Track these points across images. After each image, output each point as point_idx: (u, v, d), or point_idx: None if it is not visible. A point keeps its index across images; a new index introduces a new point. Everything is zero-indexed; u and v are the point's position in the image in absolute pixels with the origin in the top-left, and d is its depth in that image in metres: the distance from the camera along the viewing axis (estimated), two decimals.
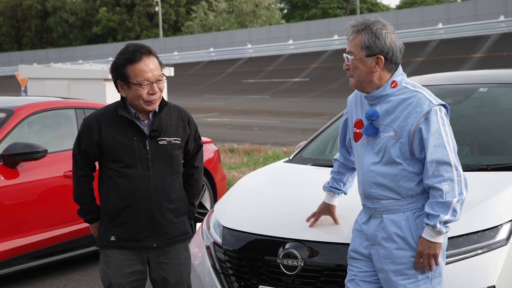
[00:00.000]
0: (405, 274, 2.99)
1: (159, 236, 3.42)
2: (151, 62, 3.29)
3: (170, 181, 3.43)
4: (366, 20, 3.03)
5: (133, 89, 3.28)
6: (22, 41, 72.14)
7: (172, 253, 3.48)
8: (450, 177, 2.91)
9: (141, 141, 3.36)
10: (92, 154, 3.39)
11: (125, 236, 3.39)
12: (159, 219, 3.39)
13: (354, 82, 3.07)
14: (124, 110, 3.36)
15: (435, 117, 2.96)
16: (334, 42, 40.52)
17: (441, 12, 39.36)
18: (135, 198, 3.35)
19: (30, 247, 5.57)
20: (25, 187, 5.58)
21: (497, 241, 3.29)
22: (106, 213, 3.41)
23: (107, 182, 3.40)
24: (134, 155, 3.35)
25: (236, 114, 24.29)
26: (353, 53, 3.02)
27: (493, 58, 31.15)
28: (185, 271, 3.55)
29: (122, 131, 3.36)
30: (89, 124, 3.40)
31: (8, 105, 6.00)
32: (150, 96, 3.29)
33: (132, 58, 3.26)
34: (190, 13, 61.80)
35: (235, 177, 10.07)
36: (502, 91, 4.75)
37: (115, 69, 3.30)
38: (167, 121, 3.43)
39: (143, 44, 3.36)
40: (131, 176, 3.35)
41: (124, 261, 3.41)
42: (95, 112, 3.46)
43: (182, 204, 3.51)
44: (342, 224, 3.50)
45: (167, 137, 3.41)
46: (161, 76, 3.31)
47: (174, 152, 3.44)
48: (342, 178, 3.51)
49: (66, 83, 14.57)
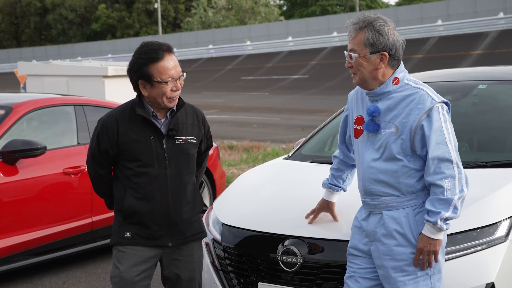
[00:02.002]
0: (404, 270, 2.99)
1: (175, 235, 3.41)
2: (173, 59, 3.29)
3: (186, 180, 3.43)
4: (368, 17, 3.03)
5: (158, 88, 3.26)
6: (21, 38, 72.05)
7: (185, 251, 3.47)
8: (452, 174, 2.91)
9: (158, 140, 3.35)
10: (112, 154, 3.37)
11: (141, 234, 3.37)
12: (175, 218, 3.38)
13: (358, 80, 3.06)
14: (142, 109, 3.34)
15: (437, 114, 2.96)
16: (333, 39, 40.48)
17: (440, 9, 39.32)
18: (152, 197, 3.34)
19: (29, 244, 5.57)
20: (24, 184, 5.58)
21: (496, 237, 3.30)
22: (121, 210, 3.39)
23: (123, 181, 3.39)
24: (151, 154, 3.34)
25: (235, 111, 24.28)
26: (357, 51, 3.01)
27: (493, 55, 31.13)
28: (198, 269, 3.55)
29: (139, 129, 3.34)
30: (107, 124, 3.37)
31: (7, 102, 6.00)
32: (173, 93, 3.29)
33: (155, 57, 3.24)
34: (189, 9, 61.76)
35: (234, 174, 10.07)
36: (501, 88, 4.75)
37: (138, 69, 3.27)
38: (183, 120, 3.42)
39: (162, 42, 3.34)
40: (148, 175, 3.34)
41: (137, 258, 3.38)
42: (111, 111, 3.44)
43: (197, 203, 3.50)
44: (341, 221, 3.51)
45: (184, 136, 3.41)
46: (181, 73, 3.32)
47: (190, 151, 3.44)
48: (341, 175, 3.51)
49: (65, 80, 14.58)
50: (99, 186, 3.52)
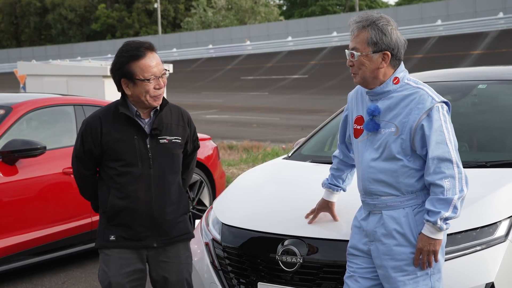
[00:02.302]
0: (404, 270, 2.99)
1: (160, 235, 3.39)
2: (155, 57, 3.30)
3: (170, 180, 3.41)
4: (371, 16, 3.02)
5: (140, 86, 3.26)
6: (20, 37, 72.03)
7: (172, 252, 3.46)
8: (451, 174, 2.92)
9: (142, 139, 3.35)
10: (96, 154, 3.37)
11: (125, 236, 3.36)
12: (159, 218, 3.37)
13: (359, 79, 3.05)
14: (125, 108, 3.34)
15: (437, 114, 2.96)
16: (333, 39, 40.48)
17: (440, 8, 39.31)
18: (136, 197, 3.33)
19: (29, 244, 5.57)
20: (24, 184, 5.58)
21: (496, 237, 3.30)
22: (105, 212, 3.38)
23: (107, 181, 3.38)
24: (134, 153, 3.33)
25: (235, 110, 24.28)
26: (359, 49, 3.00)
27: (492, 55, 31.13)
28: (186, 271, 3.51)
29: (122, 129, 3.34)
30: (90, 124, 3.37)
31: (6, 102, 6.00)
32: (157, 91, 3.29)
33: (137, 55, 3.25)
34: (189, 9, 61.75)
35: (234, 174, 10.07)
36: (501, 88, 4.75)
37: (120, 68, 3.28)
38: (167, 120, 3.42)
39: (143, 40, 3.36)
40: (131, 175, 3.33)
41: (123, 260, 3.37)
42: (95, 112, 3.44)
43: (182, 204, 3.48)
44: (341, 221, 3.51)
45: (168, 135, 3.40)
46: (164, 70, 3.32)
47: (175, 151, 3.43)
48: (341, 175, 3.51)
49: (65, 80, 14.56)
50: (84, 187, 3.51)
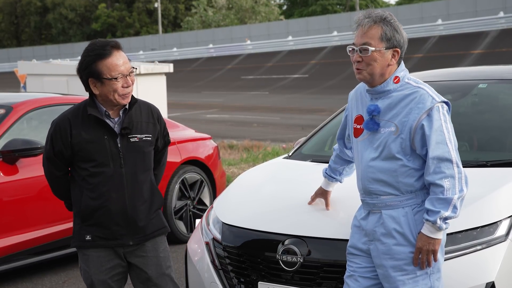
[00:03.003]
0: (404, 269, 2.99)
1: (135, 233, 3.41)
2: (121, 55, 3.29)
3: (143, 178, 3.42)
4: (381, 13, 3.01)
5: (108, 85, 3.26)
6: (21, 37, 72.04)
7: (148, 246, 3.47)
8: (451, 174, 2.92)
9: (112, 139, 3.35)
10: (67, 155, 3.37)
11: (100, 235, 3.37)
12: (133, 216, 3.38)
13: (366, 75, 3.02)
14: (94, 109, 3.34)
15: (438, 114, 2.96)
16: (333, 38, 40.47)
17: (440, 8, 39.30)
18: (109, 196, 3.34)
19: (29, 243, 5.57)
20: (24, 183, 5.58)
21: (496, 237, 3.30)
22: (79, 212, 3.39)
23: (79, 182, 3.38)
24: (105, 153, 3.33)
25: (235, 110, 24.27)
26: (372, 44, 2.98)
27: (493, 54, 31.12)
28: (164, 264, 3.51)
29: (92, 130, 3.34)
30: (59, 126, 3.37)
31: (7, 101, 6.00)
32: (125, 89, 3.29)
33: (103, 53, 3.25)
34: (189, 9, 61.74)
35: (234, 174, 10.07)
36: (501, 87, 4.75)
37: (86, 67, 3.27)
38: (137, 118, 3.42)
39: (110, 39, 3.35)
40: (103, 175, 3.33)
41: (102, 258, 3.40)
42: (64, 112, 3.44)
43: (156, 200, 3.49)
44: (341, 220, 3.51)
45: (138, 134, 3.40)
46: (132, 69, 3.32)
47: (146, 149, 3.44)
48: (337, 167, 3.58)
49: (65, 79, 14.54)
50: (56, 188, 3.52)
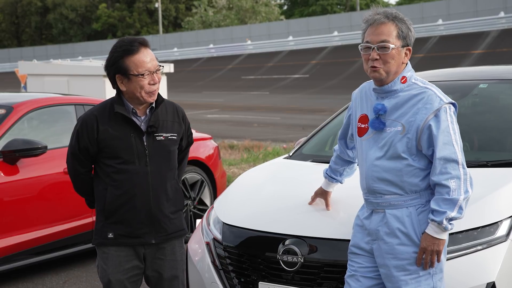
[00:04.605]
0: (407, 269, 2.99)
1: (158, 232, 3.41)
2: (148, 52, 3.31)
3: (167, 176, 3.43)
4: (390, 10, 3.01)
5: (135, 81, 3.27)
6: (21, 37, 72.05)
7: (167, 249, 3.48)
8: (457, 175, 2.92)
9: (138, 137, 3.36)
10: (92, 151, 3.38)
11: (123, 233, 3.37)
12: (157, 215, 3.39)
13: (382, 73, 2.99)
14: (121, 106, 3.35)
15: (445, 115, 2.97)
16: (334, 38, 40.48)
17: (441, 8, 39.30)
18: (134, 194, 3.34)
19: (30, 243, 5.58)
20: (25, 184, 5.58)
21: (496, 237, 3.30)
22: (102, 210, 3.39)
23: (104, 179, 3.39)
24: (132, 151, 3.34)
25: (235, 110, 24.27)
26: (391, 42, 2.96)
27: (493, 54, 31.12)
28: (180, 268, 3.54)
29: (119, 127, 3.34)
30: (86, 122, 3.37)
31: (7, 102, 6.00)
32: (152, 87, 3.30)
33: (130, 49, 3.26)
34: (190, 9, 61.76)
35: (235, 174, 10.07)
36: (502, 88, 4.74)
37: (114, 63, 3.29)
38: (163, 117, 3.43)
39: (136, 36, 3.37)
40: (129, 172, 3.34)
41: (122, 258, 3.40)
42: (91, 109, 3.45)
43: (178, 200, 3.51)
44: (342, 221, 3.51)
45: (164, 132, 3.41)
46: (159, 66, 3.33)
47: (171, 148, 3.45)
48: (338, 168, 3.57)
49: (65, 80, 14.55)
50: (79, 185, 3.52)
